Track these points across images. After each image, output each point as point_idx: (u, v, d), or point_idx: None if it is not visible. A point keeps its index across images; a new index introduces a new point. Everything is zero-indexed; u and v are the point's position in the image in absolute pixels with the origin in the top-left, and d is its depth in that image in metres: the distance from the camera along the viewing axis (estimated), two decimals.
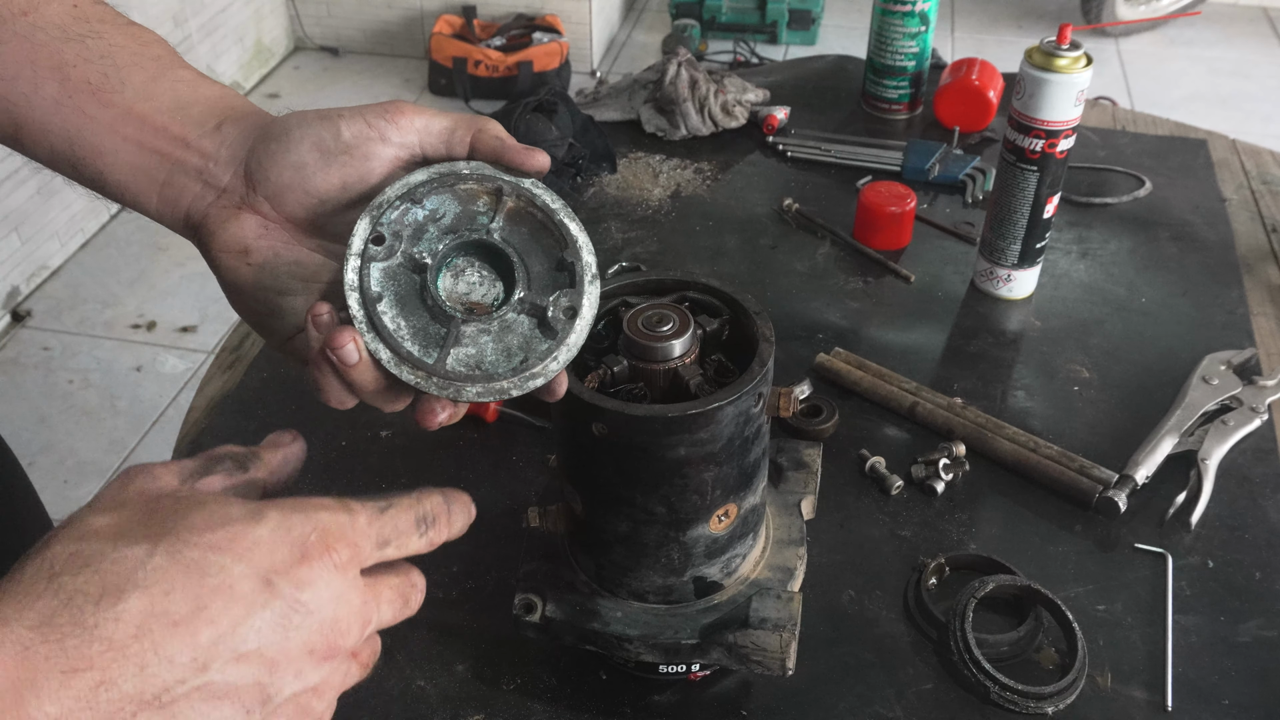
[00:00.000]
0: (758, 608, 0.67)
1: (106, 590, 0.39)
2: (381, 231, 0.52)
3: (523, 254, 0.54)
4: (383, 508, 0.48)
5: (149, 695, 0.39)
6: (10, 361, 2.53)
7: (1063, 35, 0.98)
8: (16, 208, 2.63)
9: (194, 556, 0.41)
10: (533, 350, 0.53)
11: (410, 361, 0.51)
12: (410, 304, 0.52)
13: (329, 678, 0.45)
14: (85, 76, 0.56)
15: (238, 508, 0.43)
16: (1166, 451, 0.91)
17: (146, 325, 2.63)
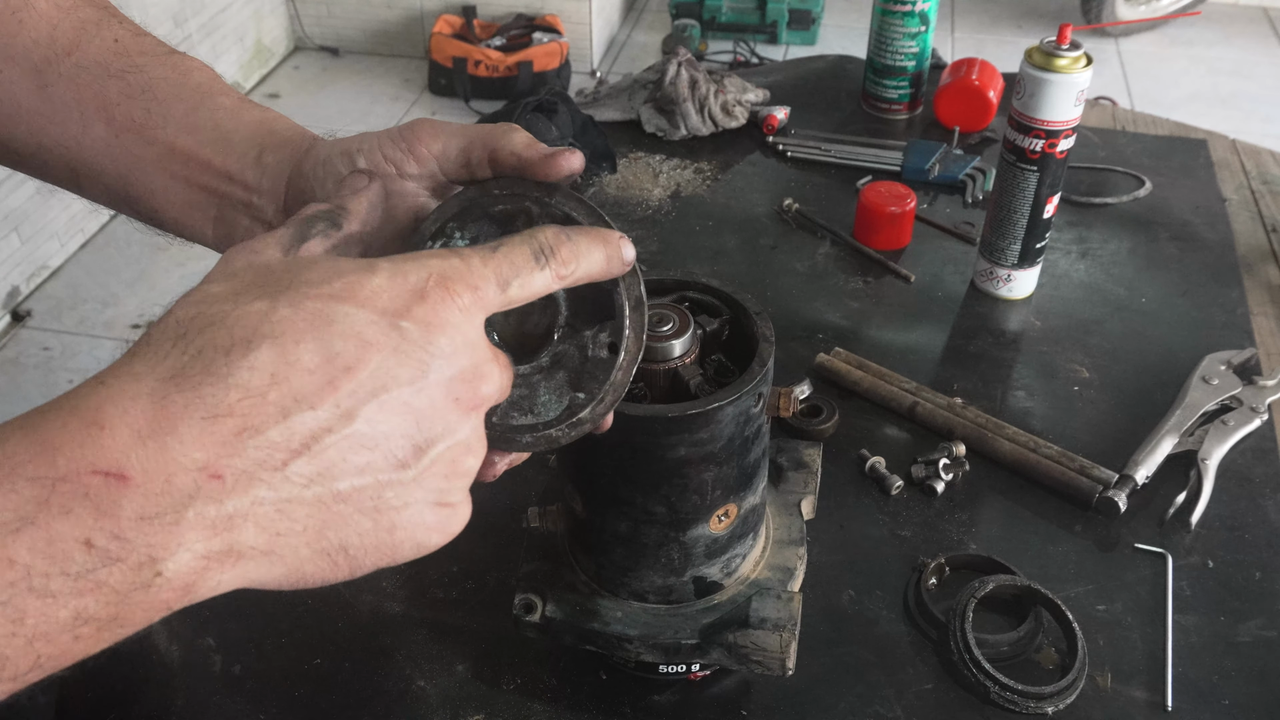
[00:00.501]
0: (758, 608, 0.67)
1: (235, 341, 0.38)
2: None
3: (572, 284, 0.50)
4: (494, 247, 0.45)
5: (297, 443, 0.38)
6: (10, 361, 2.53)
7: (1063, 35, 0.98)
8: (16, 208, 2.63)
9: (316, 307, 0.39)
10: (580, 389, 0.50)
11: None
12: None
13: (478, 429, 0.43)
14: (129, 114, 0.56)
15: (348, 262, 0.42)
16: (1166, 451, 0.91)
17: (146, 325, 2.62)
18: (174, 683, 0.76)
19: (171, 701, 0.74)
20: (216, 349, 0.37)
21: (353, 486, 0.39)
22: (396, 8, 3.74)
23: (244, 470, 0.37)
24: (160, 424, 0.36)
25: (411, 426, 0.40)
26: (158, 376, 0.37)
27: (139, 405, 0.36)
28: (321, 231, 0.47)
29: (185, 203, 0.57)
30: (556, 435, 0.50)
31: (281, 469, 0.38)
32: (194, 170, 0.56)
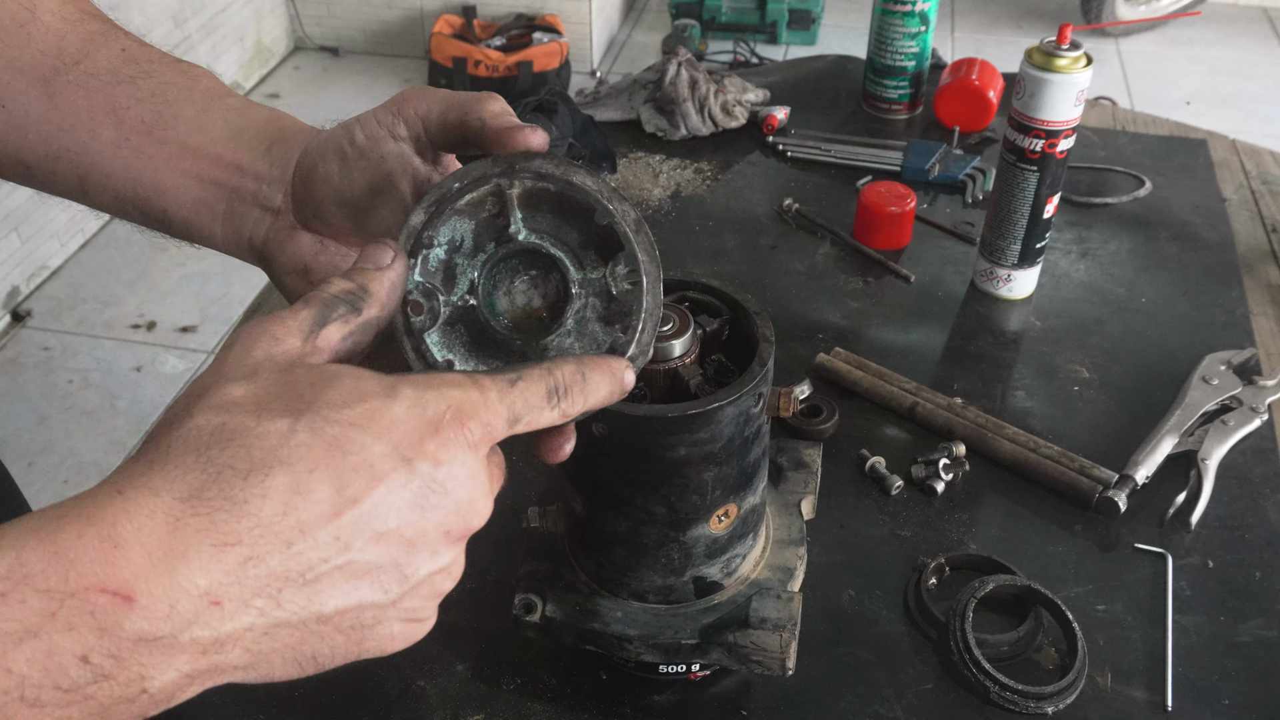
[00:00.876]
0: (758, 608, 0.67)
1: (254, 466, 0.39)
2: (414, 298, 0.49)
3: (557, 236, 0.50)
4: (512, 380, 0.46)
5: (294, 572, 0.39)
6: (10, 361, 2.53)
7: (1063, 35, 0.98)
8: (16, 208, 2.63)
9: (335, 434, 0.40)
10: (616, 333, 0.50)
11: None
12: (484, 347, 0.50)
13: (459, 557, 0.45)
14: (139, 116, 0.57)
15: (371, 382, 0.43)
16: (1166, 451, 0.91)
17: (146, 325, 2.63)
18: None
19: None
20: (235, 471, 0.38)
21: (337, 609, 0.41)
22: (396, 8, 3.74)
23: (242, 598, 0.38)
24: (173, 548, 0.37)
25: (402, 556, 0.42)
26: (175, 495, 0.38)
27: (154, 524, 0.37)
28: (341, 316, 0.47)
29: (194, 200, 0.57)
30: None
31: (276, 595, 0.39)
32: (205, 166, 0.57)
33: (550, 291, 0.51)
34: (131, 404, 2.41)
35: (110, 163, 0.57)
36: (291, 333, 0.45)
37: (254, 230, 0.58)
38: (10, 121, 0.57)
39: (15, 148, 0.58)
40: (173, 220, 0.58)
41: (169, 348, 2.56)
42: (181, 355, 2.54)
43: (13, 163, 0.59)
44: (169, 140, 0.57)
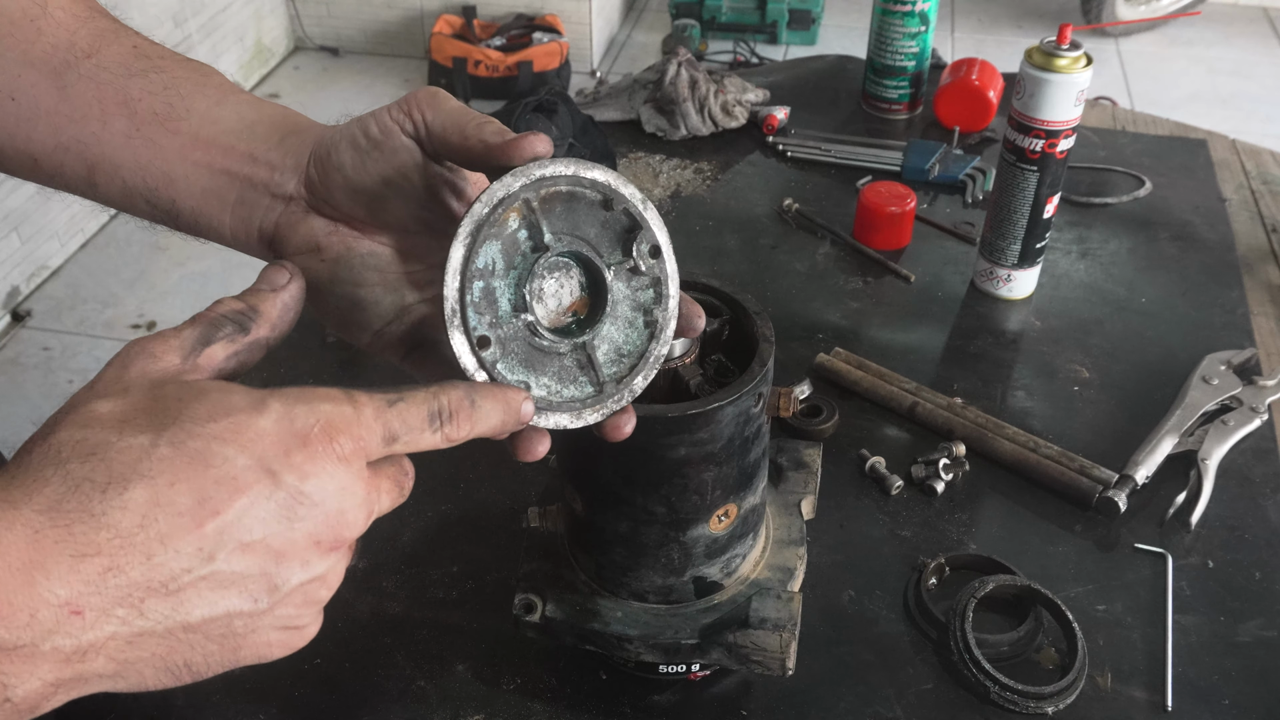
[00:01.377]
0: (758, 608, 0.67)
1: (113, 479, 0.39)
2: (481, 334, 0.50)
3: (577, 234, 0.52)
4: (392, 400, 0.46)
5: (156, 582, 0.40)
6: (10, 361, 2.53)
7: (1063, 35, 0.98)
8: (16, 208, 2.63)
9: (197, 447, 0.41)
10: (647, 307, 0.53)
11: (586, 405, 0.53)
12: (536, 360, 0.52)
13: (335, 566, 0.46)
14: (152, 108, 0.57)
15: (240, 396, 0.43)
16: (1166, 451, 0.91)
17: (146, 325, 2.63)
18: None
19: (171, 701, 0.74)
20: (94, 484, 0.39)
21: (204, 618, 0.41)
22: (396, 8, 3.74)
23: (103, 607, 0.39)
24: (32, 559, 0.37)
25: (270, 565, 0.42)
26: (34, 508, 0.38)
27: (13, 536, 0.37)
28: (228, 335, 0.48)
29: (205, 190, 0.58)
30: (656, 354, 0.54)
31: (139, 605, 0.39)
32: (217, 156, 0.57)
33: (578, 285, 0.53)
34: None
35: (120, 153, 0.58)
36: (171, 350, 0.46)
37: (264, 218, 0.58)
38: (20, 114, 0.58)
39: (24, 140, 0.58)
40: (181, 211, 0.59)
41: None
42: None
43: (21, 156, 0.59)
44: (182, 132, 0.57)
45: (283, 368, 1.04)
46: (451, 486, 0.90)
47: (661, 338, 0.54)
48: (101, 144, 0.57)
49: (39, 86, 0.57)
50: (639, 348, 0.53)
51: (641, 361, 0.53)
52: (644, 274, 0.53)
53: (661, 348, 0.54)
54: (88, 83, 0.57)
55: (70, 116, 0.57)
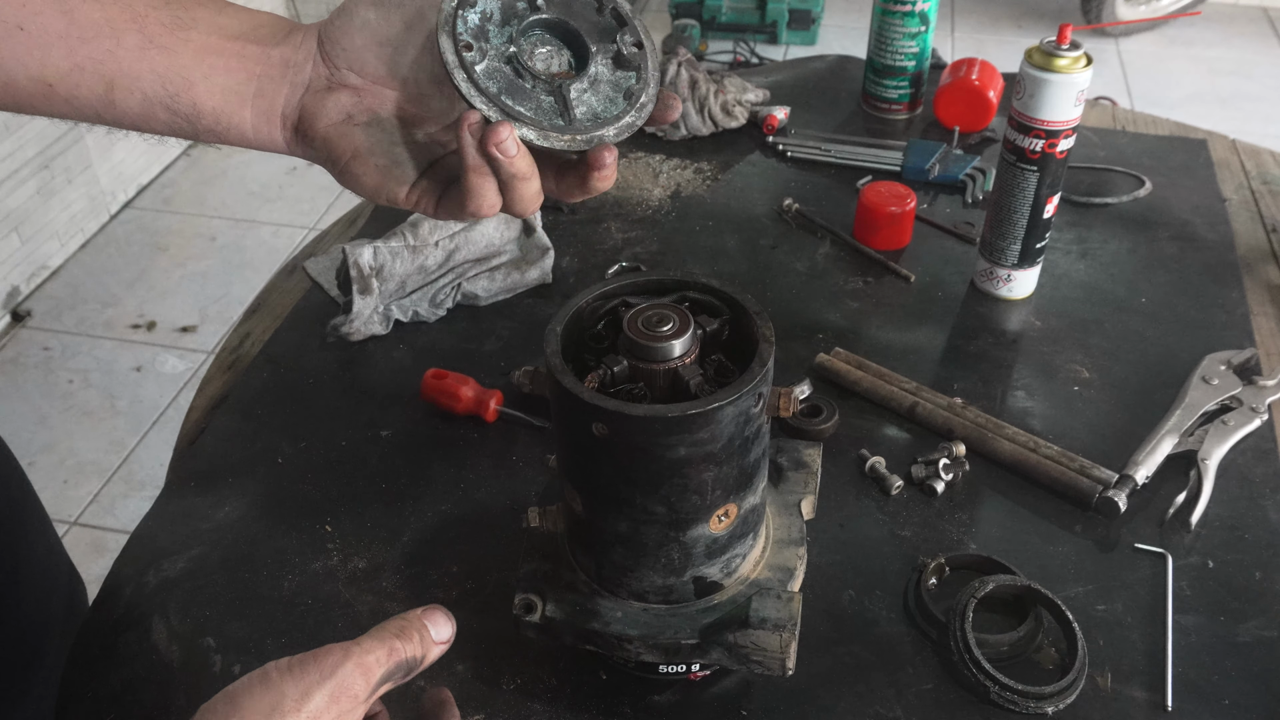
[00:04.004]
0: (758, 608, 0.67)
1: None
2: (465, 39, 0.57)
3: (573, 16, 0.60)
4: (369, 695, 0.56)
5: None
6: (10, 361, 2.53)
7: (1063, 35, 0.98)
8: (16, 208, 2.63)
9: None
10: (629, 85, 0.60)
11: (554, 130, 0.58)
12: (517, 92, 0.58)
13: None
14: (160, 20, 0.60)
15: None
16: (1166, 451, 0.91)
17: (146, 325, 2.63)
18: (174, 683, 0.76)
19: (171, 701, 0.74)
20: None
21: None
22: None
23: None
24: None
25: None
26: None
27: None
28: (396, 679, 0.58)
29: (224, 88, 0.61)
30: (631, 121, 0.59)
31: None
32: (231, 56, 0.61)
33: (565, 61, 0.60)
34: (131, 404, 2.41)
35: (138, 65, 0.60)
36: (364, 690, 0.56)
37: (286, 104, 0.62)
38: (31, 43, 0.59)
39: (38, 68, 0.60)
40: (202, 113, 0.62)
41: (169, 348, 2.57)
42: (181, 355, 2.54)
43: (35, 85, 0.61)
44: (193, 39, 0.60)
45: (282, 368, 1.04)
46: (451, 486, 0.90)
47: (638, 109, 0.59)
48: (118, 59, 0.60)
49: (45, 14, 0.59)
50: (613, 116, 0.59)
51: (614, 122, 0.59)
52: (628, 61, 0.60)
53: (638, 118, 0.59)
54: (93, 6, 0.59)
55: (81, 38, 0.59)
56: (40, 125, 2.65)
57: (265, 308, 1.15)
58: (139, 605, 0.81)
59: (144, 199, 3.08)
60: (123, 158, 3.01)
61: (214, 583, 0.83)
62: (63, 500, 2.16)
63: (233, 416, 0.99)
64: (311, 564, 0.84)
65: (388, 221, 1.22)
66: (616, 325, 0.66)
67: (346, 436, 0.96)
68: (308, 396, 1.01)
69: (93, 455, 2.28)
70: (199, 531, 0.87)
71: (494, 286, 1.12)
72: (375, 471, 0.92)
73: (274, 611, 0.80)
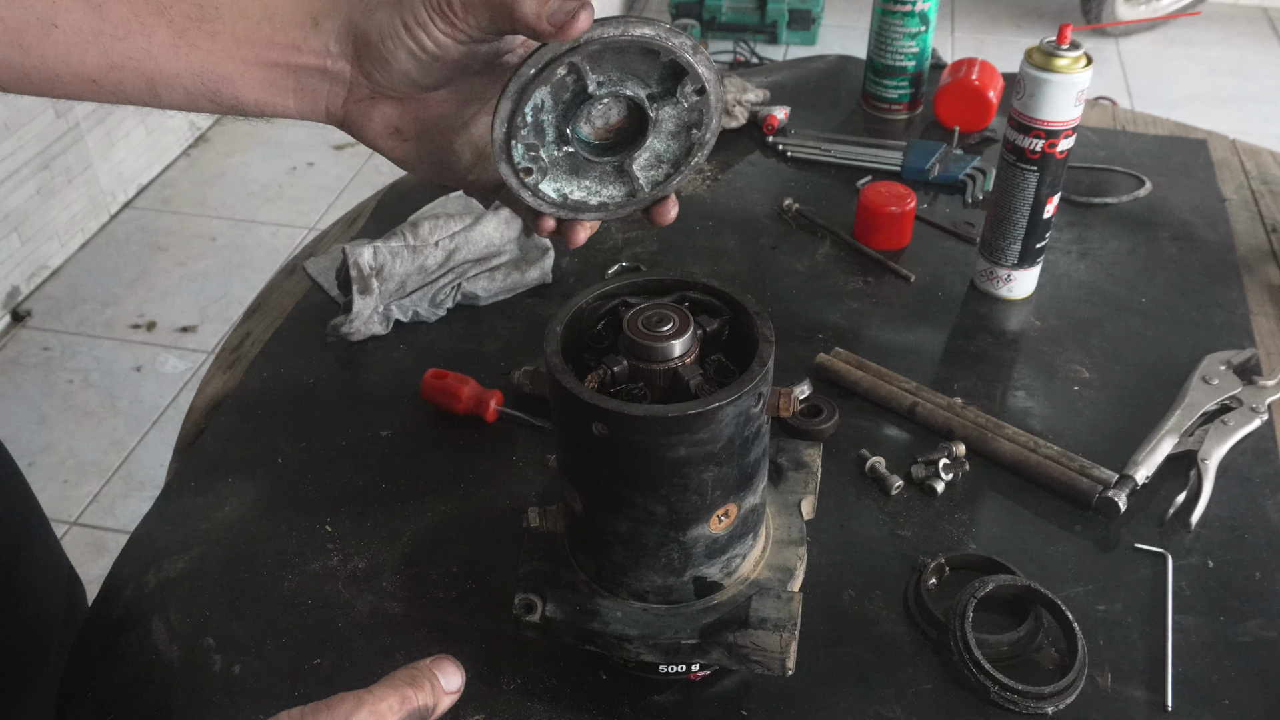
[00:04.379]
0: (758, 608, 0.67)
1: None
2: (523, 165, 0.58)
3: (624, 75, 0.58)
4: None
5: None
6: (10, 361, 2.53)
7: (1063, 35, 0.98)
8: (16, 208, 2.63)
9: None
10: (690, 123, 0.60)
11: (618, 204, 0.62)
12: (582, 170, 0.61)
13: None
14: (184, 13, 0.60)
15: None
16: (1166, 451, 0.91)
17: (146, 325, 2.63)
18: (174, 683, 0.76)
19: (171, 701, 0.74)
20: None
21: None
22: None
23: None
24: None
25: None
26: None
27: None
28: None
29: (262, 83, 0.61)
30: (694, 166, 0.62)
31: None
32: (260, 51, 0.60)
33: (624, 108, 0.60)
34: (131, 404, 2.41)
35: (173, 63, 0.60)
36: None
37: (330, 102, 0.62)
38: (68, 40, 0.59)
39: (78, 63, 0.60)
40: (245, 104, 0.62)
41: (169, 348, 2.57)
42: (181, 355, 2.54)
43: (79, 80, 0.61)
44: (219, 33, 0.60)
45: (282, 368, 1.04)
46: (451, 486, 0.90)
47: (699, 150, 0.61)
48: (153, 58, 0.60)
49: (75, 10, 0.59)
50: (676, 157, 0.61)
51: (675, 169, 0.61)
52: (688, 107, 0.59)
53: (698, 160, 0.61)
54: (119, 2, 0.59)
55: (114, 35, 0.59)
56: (40, 125, 2.65)
57: (265, 308, 1.15)
58: (139, 605, 0.81)
59: (144, 199, 3.08)
60: (123, 157, 3.01)
61: (214, 583, 0.83)
62: (63, 500, 2.16)
63: (233, 416, 0.99)
64: (311, 564, 0.84)
65: (388, 221, 1.22)
66: (616, 325, 0.66)
67: (346, 436, 0.96)
68: (308, 396, 1.01)
69: (93, 455, 2.28)
70: (199, 531, 0.87)
71: (494, 286, 1.12)
72: (375, 471, 0.92)
73: (274, 611, 0.80)
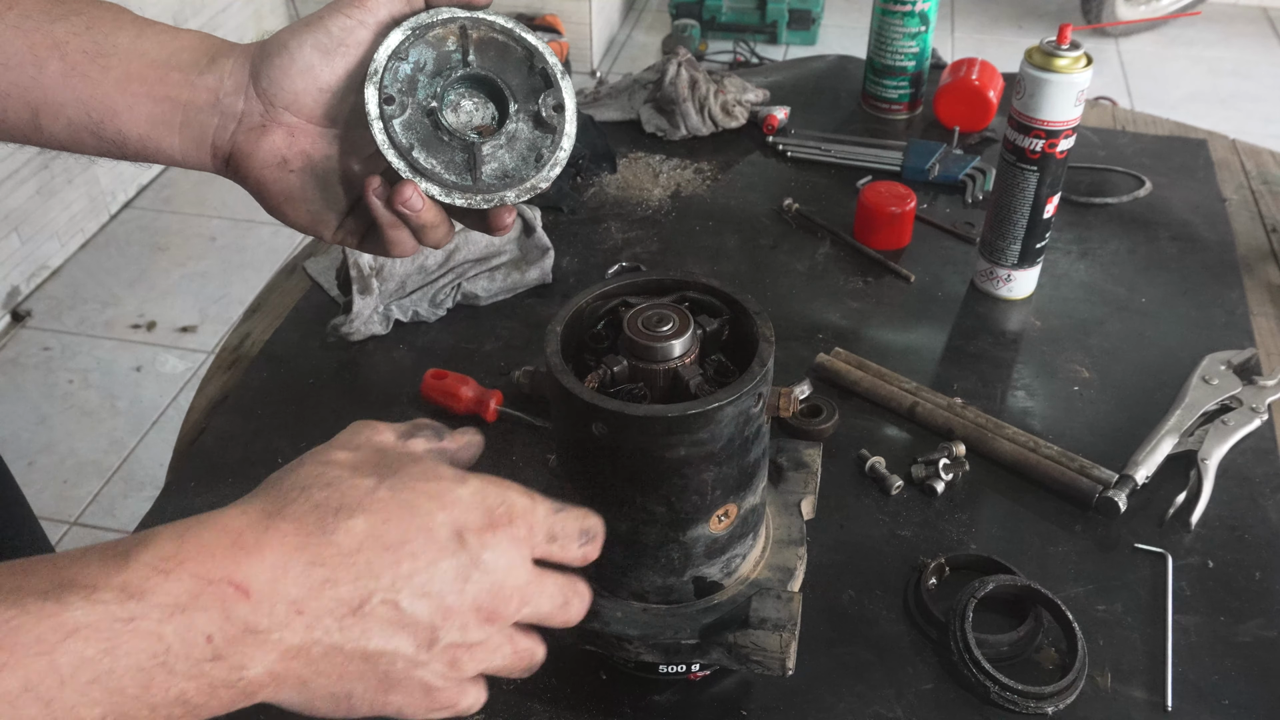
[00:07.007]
0: (758, 608, 0.67)
1: (343, 506, 0.48)
2: (389, 93, 0.59)
3: (500, 74, 0.61)
4: (558, 509, 0.54)
5: (355, 602, 0.47)
6: (10, 361, 2.53)
7: (1063, 35, 0.98)
8: (16, 208, 2.63)
9: (409, 497, 0.49)
10: (542, 148, 0.62)
11: (458, 189, 0.60)
12: (432, 145, 0.60)
13: (486, 641, 0.51)
14: (80, 48, 0.60)
15: (447, 469, 0.52)
16: (1166, 451, 0.91)
17: (146, 325, 2.63)
18: None
19: None
20: (328, 509, 0.48)
21: (378, 650, 0.48)
22: None
23: (317, 613, 0.46)
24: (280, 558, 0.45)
25: (438, 618, 0.49)
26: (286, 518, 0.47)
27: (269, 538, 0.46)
28: (427, 435, 0.57)
29: (149, 117, 0.61)
30: (535, 183, 0.62)
31: (339, 620, 0.46)
32: (153, 84, 0.60)
33: (488, 115, 0.62)
34: (131, 404, 2.41)
35: (61, 93, 0.60)
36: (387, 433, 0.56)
37: (217, 137, 0.61)
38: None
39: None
40: (128, 140, 0.61)
41: (169, 348, 2.56)
42: (181, 355, 2.54)
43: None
44: (113, 67, 0.60)
45: (282, 368, 1.04)
46: None
47: (544, 171, 0.61)
48: (42, 87, 0.60)
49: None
50: (521, 176, 0.61)
51: (519, 184, 0.61)
52: (546, 123, 0.61)
53: (541, 180, 0.61)
54: (14, 31, 0.59)
55: (5, 64, 0.59)
56: None
57: (265, 308, 1.15)
58: None
59: (144, 199, 3.08)
60: None
61: None
62: (63, 500, 2.16)
63: (233, 416, 0.99)
64: None
65: None
66: (616, 325, 0.66)
67: None
68: (308, 396, 1.01)
69: (93, 455, 2.28)
70: None
71: (494, 286, 1.12)
72: None
73: None
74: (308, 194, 0.63)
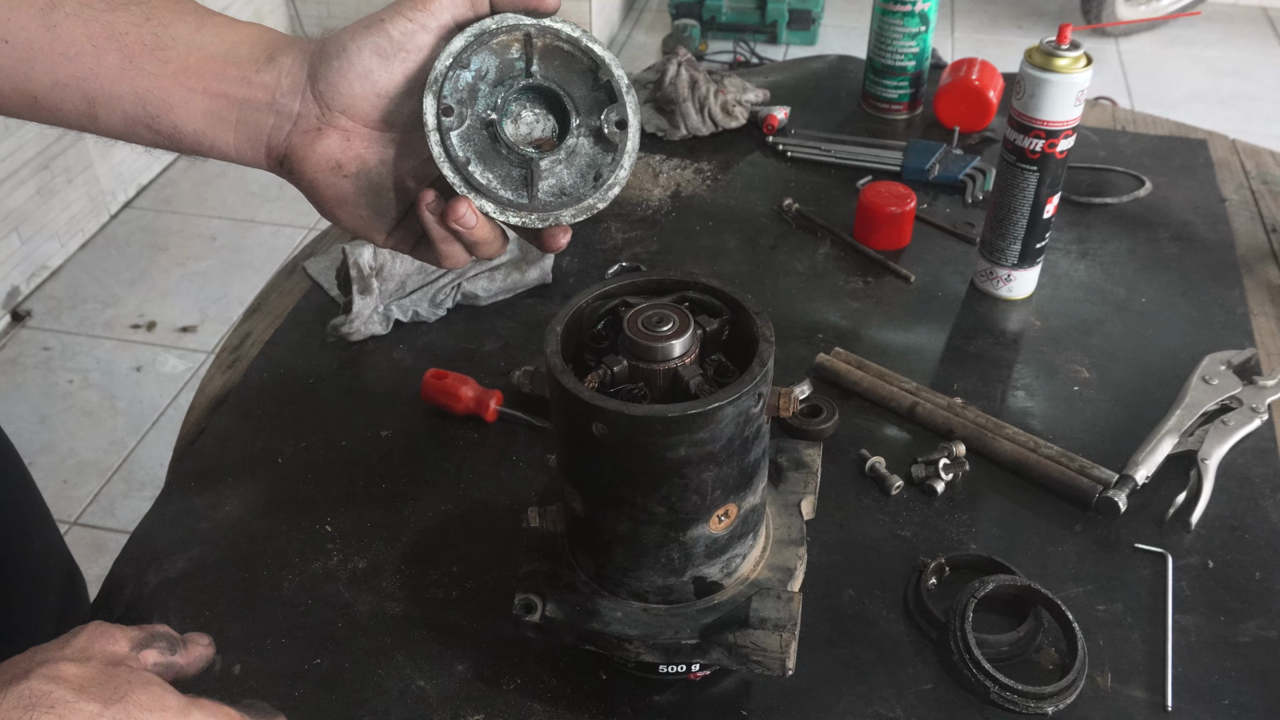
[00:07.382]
0: (758, 608, 0.67)
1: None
2: (448, 103, 0.58)
3: (564, 85, 0.60)
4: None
5: None
6: (10, 361, 2.53)
7: (1063, 35, 0.98)
8: (16, 208, 2.63)
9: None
10: (602, 166, 0.60)
11: (513, 206, 0.59)
12: (489, 158, 0.59)
13: None
14: (140, 40, 0.60)
15: (174, 698, 0.55)
16: (1166, 451, 0.91)
17: (146, 325, 2.63)
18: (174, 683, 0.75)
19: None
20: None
21: None
22: None
23: None
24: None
25: None
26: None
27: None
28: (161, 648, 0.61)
29: (205, 112, 0.60)
30: (593, 203, 0.60)
31: None
32: (210, 80, 0.60)
33: (549, 128, 0.61)
34: (131, 404, 2.41)
35: (117, 85, 0.60)
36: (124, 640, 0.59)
37: (272, 136, 0.61)
38: (16, 56, 0.59)
39: (23, 80, 0.60)
40: (183, 134, 0.61)
41: (169, 348, 2.57)
42: (181, 355, 2.54)
43: (21, 97, 0.61)
44: (171, 60, 0.60)
45: (282, 368, 1.04)
46: (451, 486, 0.90)
47: (602, 191, 0.60)
48: (99, 78, 0.59)
49: (28, 27, 0.59)
50: (578, 195, 0.60)
51: (576, 203, 0.60)
52: (607, 140, 0.60)
53: (599, 201, 0.60)
54: (74, 20, 0.59)
55: (64, 54, 0.59)
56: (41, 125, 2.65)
57: (265, 308, 1.15)
58: (139, 605, 0.81)
59: (144, 199, 3.08)
60: (123, 157, 3.01)
61: (214, 583, 0.83)
62: (63, 500, 2.16)
63: (233, 416, 0.99)
64: (311, 564, 0.84)
65: None
66: (616, 325, 0.66)
67: (346, 436, 0.96)
68: (308, 396, 1.01)
69: (93, 455, 2.28)
70: (199, 531, 0.87)
71: (494, 286, 1.12)
72: (375, 471, 0.92)
73: (274, 611, 0.80)
74: (361, 199, 0.62)
